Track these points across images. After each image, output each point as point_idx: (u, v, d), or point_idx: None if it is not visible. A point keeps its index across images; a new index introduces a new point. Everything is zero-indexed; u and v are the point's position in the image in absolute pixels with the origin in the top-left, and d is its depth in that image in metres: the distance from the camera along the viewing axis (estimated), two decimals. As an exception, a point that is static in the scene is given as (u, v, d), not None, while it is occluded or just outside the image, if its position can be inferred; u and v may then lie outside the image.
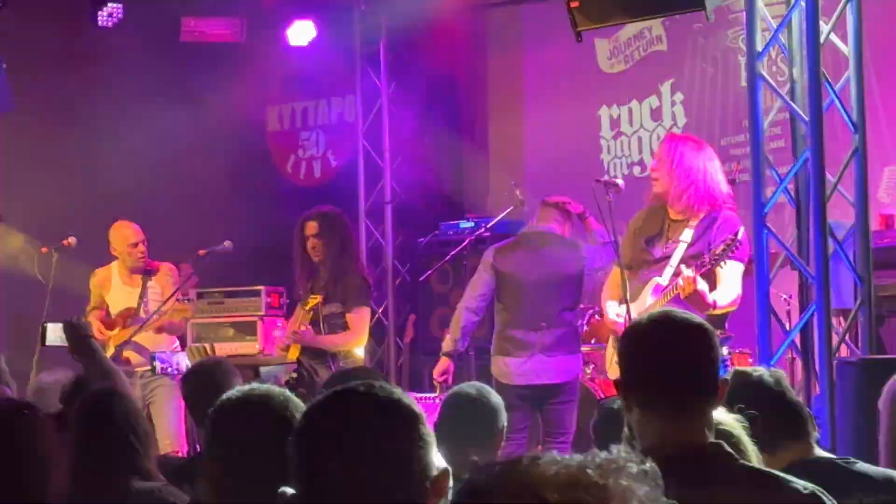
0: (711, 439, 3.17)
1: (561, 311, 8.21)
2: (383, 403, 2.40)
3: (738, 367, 4.80)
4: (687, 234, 7.31)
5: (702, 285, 6.91)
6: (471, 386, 5.35)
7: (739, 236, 6.68)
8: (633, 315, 7.36)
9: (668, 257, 7.34)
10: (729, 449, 3.14)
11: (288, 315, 9.01)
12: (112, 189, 10.61)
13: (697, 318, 3.35)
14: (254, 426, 3.11)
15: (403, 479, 2.34)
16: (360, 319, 8.70)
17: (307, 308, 8.51)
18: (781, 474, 3.17)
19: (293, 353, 8.53)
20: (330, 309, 8.63)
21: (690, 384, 3.20)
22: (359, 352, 8.62)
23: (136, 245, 9.11)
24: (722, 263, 6.78)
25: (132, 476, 4.36)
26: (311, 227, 8.75)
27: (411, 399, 2.47)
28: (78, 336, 6.21)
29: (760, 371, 4.45)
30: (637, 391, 3.22)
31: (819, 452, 4.26)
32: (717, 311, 6.92)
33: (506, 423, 5.23)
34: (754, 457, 3.52)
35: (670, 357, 3.23)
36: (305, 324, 8.52)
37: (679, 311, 3.45)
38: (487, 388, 5.35)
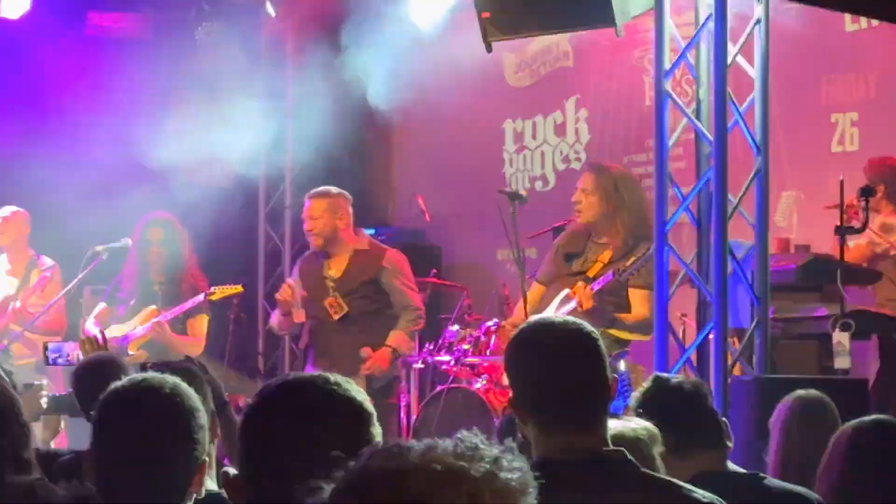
0: (609, 445, 3.15)
1: None
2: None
3: (657, 373, 4.82)
4: (606, 256, 7.51)
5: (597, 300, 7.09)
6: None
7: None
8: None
9: (583, 272, 7.50)
10: (630, 456, 3.12)
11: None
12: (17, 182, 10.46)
13: (578, 321, 3.29)
14: (144, 416, 3.05)
15: None
16: (201, 326, 8.90)
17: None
18: (683, 484, 3.15)
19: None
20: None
21: (591, 397, 3.15)
22: None
23: None
24: (631, 282, 6.94)
25: (8, 468, 4.28)
26: (156, 233, 8.81)
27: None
28: None
29: (679, 378, 4.50)
30: (535, 413, 3.15)
31: (731, 466, 4.30)
32: (622, 333, 7.06)
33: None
34: (661, 466, 3.53)
35: (567, 372, 3.14)
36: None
37: (558, 318, 3.42)
38: None
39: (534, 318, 3.46)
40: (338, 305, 8.44)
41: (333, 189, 8.68)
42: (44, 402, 6.44)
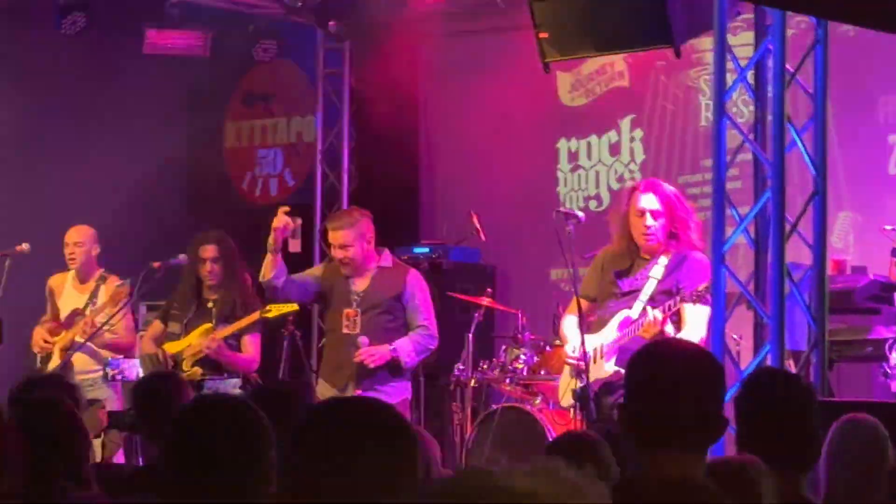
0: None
1: None
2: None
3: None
4: (657, 271, 7.50)
5: (668, 328, 7.05)
6: None
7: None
8: (594, 345, 7.44)
9: (636, 291, 7.48)
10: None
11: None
12: (67, 199, 10.55)
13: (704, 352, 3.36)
14: (223, 434, 3.09)
15: None
16: (255, 344, 8.89)
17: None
18: None
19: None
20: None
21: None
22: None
23: (66, 245, 9.21)
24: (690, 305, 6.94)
25: (68, 483, 4.32)
26: (210, 250, 8.84)
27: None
28: None
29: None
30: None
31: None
32: None
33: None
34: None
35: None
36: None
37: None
38: None
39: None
40: (354, 322, 8.40)
41: (356, 212, 8.64)
42: (104, 418, 6.50)
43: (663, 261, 7.57)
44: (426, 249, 10.71)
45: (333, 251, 8.49)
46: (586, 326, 7.67)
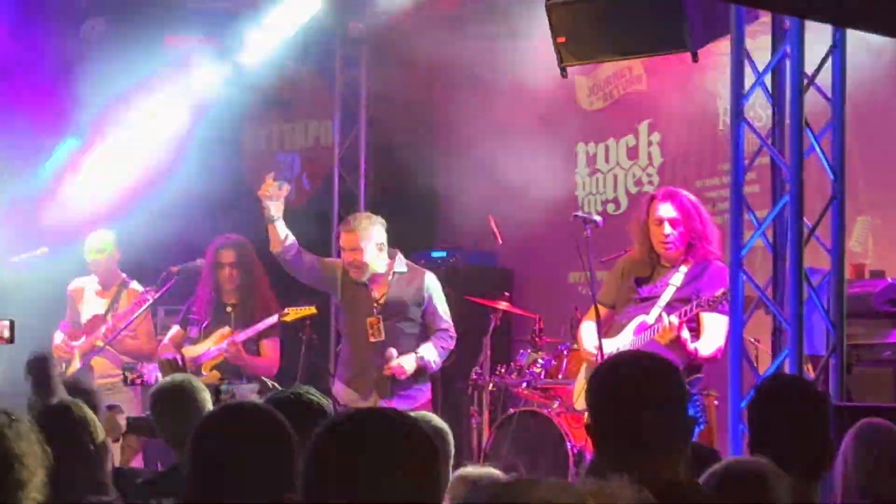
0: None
1: None
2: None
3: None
4: (677, 278, 7.52)
5: (684, 333, 7.06)
6: None
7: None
8: (610, 349, 7.44)
9: (655, 297, 7.49)
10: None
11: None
12: (90, 203, 10.58)
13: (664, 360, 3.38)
14: (246, 439, 3.10)
15: None
16: (274, 347, 9.00)
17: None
18: None
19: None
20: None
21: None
22: None
23: (90, 250, 9.25)
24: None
25: (86, 489, 4.33)
26: (228, 255, 8.87)
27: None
28: (44, 373, 6.16)
29: None
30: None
31: None
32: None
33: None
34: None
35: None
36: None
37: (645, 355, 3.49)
38: None
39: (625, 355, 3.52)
40: (378, 329, 8.41)
41: (367, 217, 8.64)
42: (123, 422, 6.51)
43: (683, 269, 7.61)
44: (443, 253, 10.72)
45: (344, 255, 8.52)
46: (604, 331, 7.69)
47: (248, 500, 3.01)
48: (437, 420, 4.96)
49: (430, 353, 8.37)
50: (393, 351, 8.30)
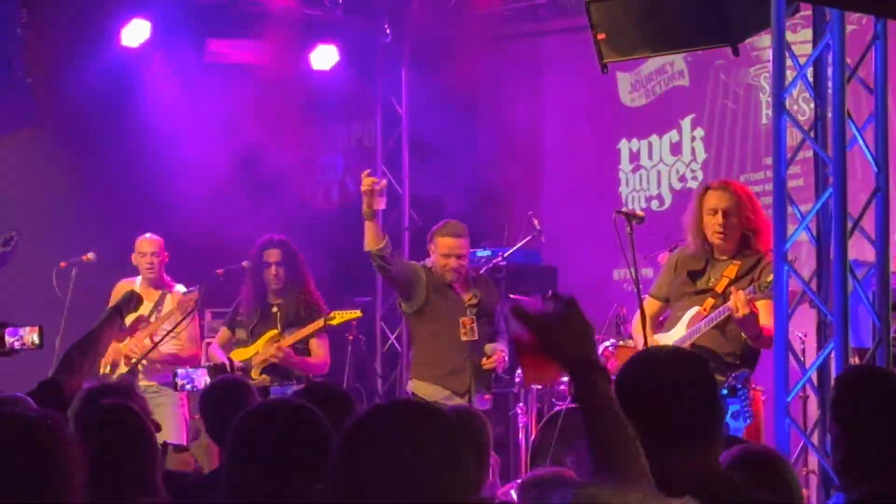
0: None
1: None
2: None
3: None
4: (731, 270, 7.49)
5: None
6: None
7: None
8: (664, 343, 7.44)
9: (709, 290, 7.49)
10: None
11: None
12: (133, 207, 10.66)
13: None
14: (291, 437, 3.13)
15: None
16: (323, 347, 9.04)
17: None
18: None
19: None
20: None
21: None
22: None
23: (144, 255, 9.26)
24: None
25: (138, 491, 4.36)
26: (273, 254, 8.91)
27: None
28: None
29: None
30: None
31: None
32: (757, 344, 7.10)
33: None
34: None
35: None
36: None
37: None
38: None
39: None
40: (471, 329, 8.49)
41: (459, 223, 8.71)
42: (191, 461, 6.52)
43: (737, 262, 7.59)
44: (488, 252, 10.73)
45: (446, 259, 8.53)
46: (658, 326, 7.70)
47: (283, 495, 3.04)
48: (472, 409, 5.07)
49: (506, 349, 8.59)
50: (494, 346, 8.55)
